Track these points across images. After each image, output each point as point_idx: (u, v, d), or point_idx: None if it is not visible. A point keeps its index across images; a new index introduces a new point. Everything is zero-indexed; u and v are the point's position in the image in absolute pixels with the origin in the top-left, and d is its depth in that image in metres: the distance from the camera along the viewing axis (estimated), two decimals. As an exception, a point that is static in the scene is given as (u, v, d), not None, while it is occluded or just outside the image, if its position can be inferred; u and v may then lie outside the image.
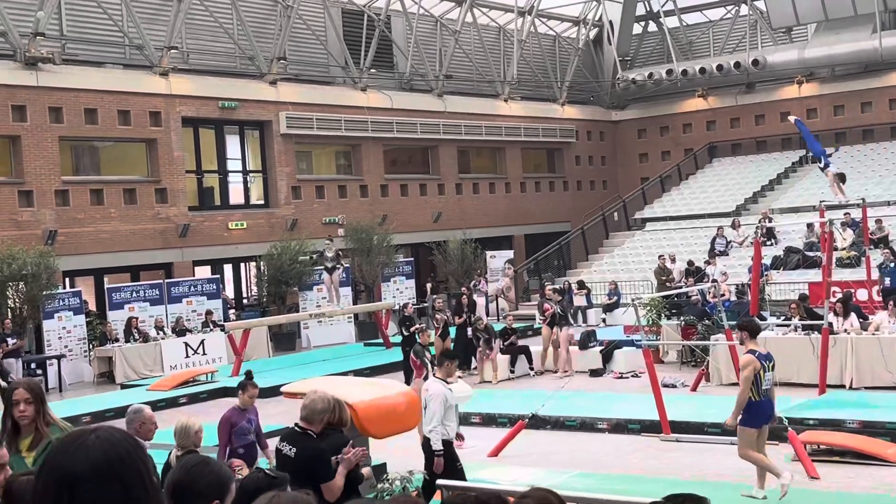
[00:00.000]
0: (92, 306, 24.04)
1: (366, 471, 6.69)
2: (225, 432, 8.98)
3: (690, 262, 27.57)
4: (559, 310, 18.93)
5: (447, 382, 9.58)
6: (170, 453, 7.29)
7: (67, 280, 24.39)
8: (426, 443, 9.35)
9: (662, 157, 39.10)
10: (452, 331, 19.63)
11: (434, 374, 10.01)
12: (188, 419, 7.42)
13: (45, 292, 21.34)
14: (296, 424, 6.44)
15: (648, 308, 19.74)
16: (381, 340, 24.52)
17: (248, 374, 9.75)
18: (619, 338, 20.00)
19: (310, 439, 6.24)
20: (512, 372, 19.08)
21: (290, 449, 6.25)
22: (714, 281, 21.75)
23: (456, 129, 33.42)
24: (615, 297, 27.14)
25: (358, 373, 19.65)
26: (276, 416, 16.68)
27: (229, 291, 27.82)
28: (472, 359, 19.22)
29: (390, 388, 11.52)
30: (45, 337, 21.64)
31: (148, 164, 25.89)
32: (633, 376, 18.35)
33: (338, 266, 23.16)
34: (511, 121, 35.56)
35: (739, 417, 9.52)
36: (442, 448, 9.26)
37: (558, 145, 38.02)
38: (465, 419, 14.08)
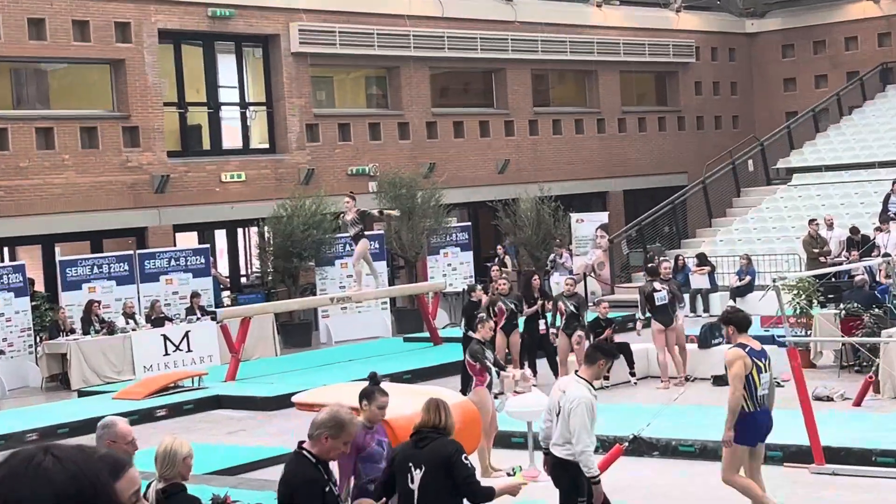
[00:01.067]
0: (39, 286, 24.42)
1: None
2: (350, 460, 8.65)
3: (854, 230, 27.21)
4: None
5: (593, 387, 9.71)
6: (148, 485, 7.39)
7: (6, 251, 24.79)
8: (559, 469, 9.49)
9: (816, 84, 38.59)
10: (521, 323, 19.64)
11: (577, 373, 10.09)
12: (174, 440, 7.50)
13: (-23, 267, 21.70)
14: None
15: (795, 292, 19.53)
16: (426, 334, 24.61)
17: (374, 378, 9.40)
18: (753, 332, 19.81)
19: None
20: (606, 378, 19.01)
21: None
22: (887, 255, 21.46)
23: (530, 46, 33.27)
24: (748, 277, 26.95)
25: (396, 378, 19.73)
26: (283, 434, 16.89)
27: (222, 267, 28.08)
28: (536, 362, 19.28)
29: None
30: (-23, 326, 22.05)
31: (113, 94, 26.15)
32: (773, 385, 18.21)
33: (362, 234, 22.65)
34: (606, 34, 35.28)
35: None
36: (598, 473, 9.40)
37: (671, 67, 37.67)
38: (538, 441, 14.11)
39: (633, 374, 19.35)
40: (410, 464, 7.88)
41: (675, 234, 33.33)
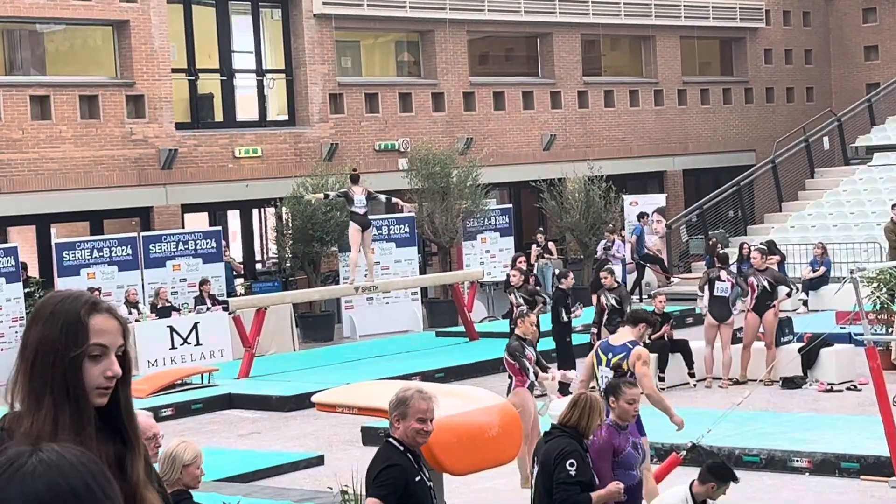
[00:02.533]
0: (33, 271, 24.58)
1: None
2: (608, 464, 8.60)
3: (942, 216, 27.01)
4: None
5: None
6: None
7: (-2, 231, 24.95)
8: None
9: (901, 52, 38.31)
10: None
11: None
12: (178, 444, 7.53)
13: (-35, 249, 21.85)
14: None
15: (875, 285, 19.42)
16: (461, 328, 24.62)
17: (617, 369, 9.64)
18: (828, 330, 19.75)
19: None
20: (661, 379, 19.01)
21: None
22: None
23: (580, 8, 33.17)
24: (823, 268, 26.82)
25: (427, 377, 19.76)
26: (301, 438, 16.93)
27: (235, 251, 28.18)
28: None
29: (476, 401, 11.55)
30: (-35, 315, 22.21)
31: (116, 59, 26.25)
32: (849, 389, 18.17)
33: (369, 221, 23.18)
34: (665, -5, 35.14)
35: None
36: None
37: (738, 33, 37.48)
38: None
39: (692, 375, 19.34)
40: (536, 458, 8.34)
41: (741, 219, 33.20)
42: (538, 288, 21.28)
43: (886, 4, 38.71)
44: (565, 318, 18.75)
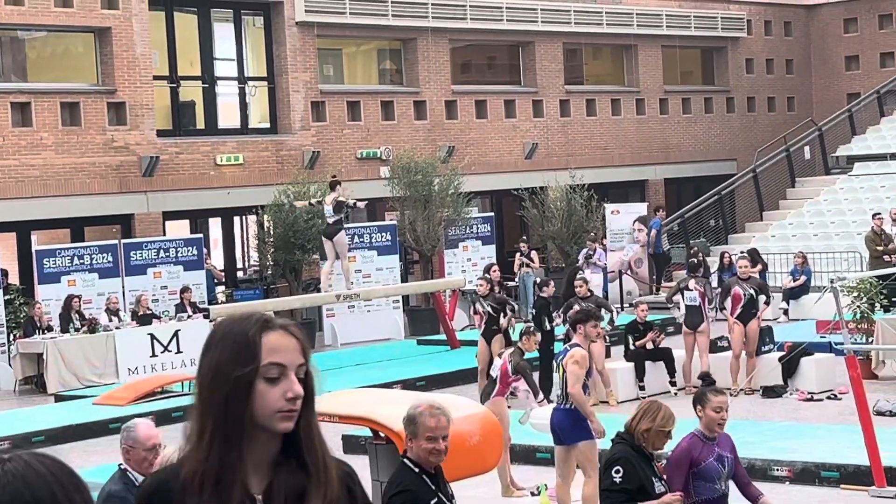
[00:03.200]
0: (13, 278, 24.49)
1: None
2: (681, 474, 8.21)
3: (922, 225, 27.06)
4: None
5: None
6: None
7: (-22, 238, 24.86)
8: None
9: (882, 63, 38.44)
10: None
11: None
12: (175, 450, 7.44)
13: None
14: None
15: (856, 294, 19.45)
16: (443, 336, 24.60)
17: (706, 377, 8.95)
18: (808, 339, 19.81)
19: None
20: (641, 388, 19.01)
21: None
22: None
23: (562, 17, 33.21)
24: (803, 277, 26.87)
25: (408, 385, 19.74)
26: (284, 446, 16.84)
27: (216, 259, 28.12)
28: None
29: (457, 409, 11.54)
30: (-55, 322, 22.13)
31: (97, 65, 26.19)
32: (829, 398, 18.17)
33: (341, 226, 23.21)
34: (647, 3, 35.21)
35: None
36: None
37: (720, 42, 37.56)
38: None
39: (673, 384, 19.32)
40: None
41: (723, 228, 33.26)
42: (508, 297, 21.25)
43: (867, 15, 38.84)
44: (548, 327, 18.76)
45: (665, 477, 8.17)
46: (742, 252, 24.63)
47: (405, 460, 6.89)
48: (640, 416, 8.05)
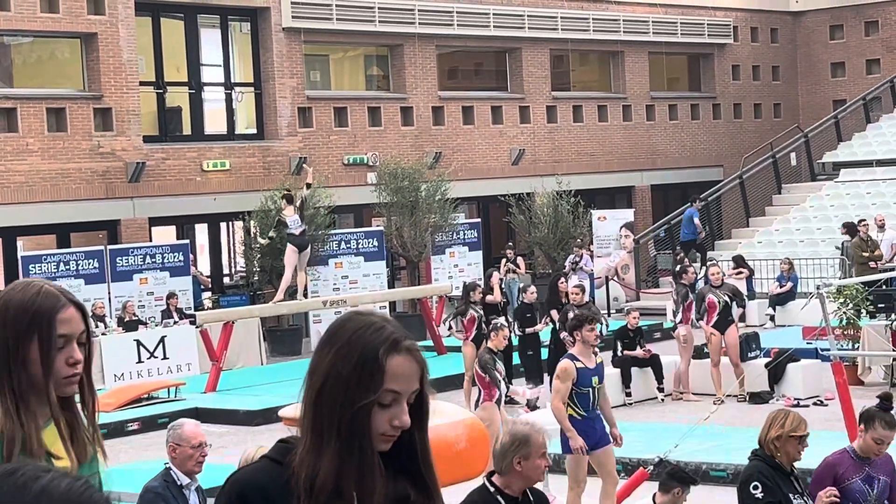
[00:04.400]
0: (-1, 284, 24.46)
1: None
2: (820, 489, 7.86)
3: (908, 232, 27.14)
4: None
5: None
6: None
7: (-36, 244, 24.80)
8: None
9: (868, 69, 38.55)
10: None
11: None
12: (258, 449, 7.22)
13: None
14: None
15: (841, 300, 19.50)
16: (430, 342, 24.61)
17: (886, 399, 8.32)
18: (794, 345, 19.85)
19: None
20: (628, 395, 19.04)
21: None
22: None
23: (549, 23, 33.25)
24: (789, 284, 26.92)
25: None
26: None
27: (203, 265, 28.08)
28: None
29: (443, 415, 11.54)
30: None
31: (84, 71, 26.15)
32: (815, 404, 18.23)
33: (303, 228, 23.58)
34: (634, 10, 35.26)
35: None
36: None
37: (706, 49, 37.64)
38: (556, 463, 14.08)
39: (660, 390, 19.36)
40: None
41: (709, 234, 33.29)
42: (504, 301, 21.32)
43: (853, 22, 38.95)
44: (525, 332, 18.86)
45: (808, 491, 7.83)
46: (714, 260, 24.67)
47: (488, 485, 6.86)
48: (768, 425, 7.69)
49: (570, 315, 18.85)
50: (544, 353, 19.68)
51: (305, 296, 25.28)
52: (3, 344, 3.32)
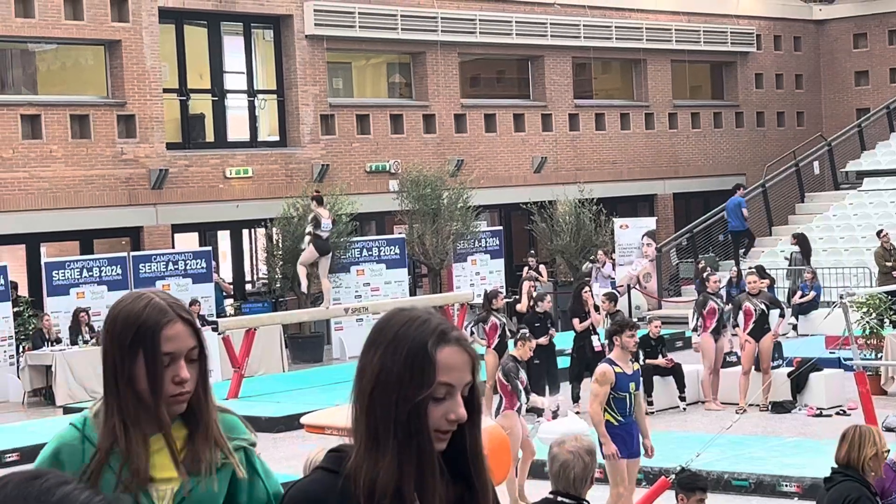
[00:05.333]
0: (22, 290, 24.53)
1: None
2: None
3: (932, 241, 27.04)
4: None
5: None
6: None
7: (-13, 250, 24.92)
8: None
9: (891, 78, 38.43)
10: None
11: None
12: (318, 451, 7.14)
13: (-46, 268, 21.81)
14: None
15: (865, 310, 19.44)
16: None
17: None
18: (817, 354, 19.77)
19: None
20: (649, 403, 19.00)
21: None
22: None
23: (571, 31, 33.25)
24: (812, 293, 26.83)
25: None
26: (291, 459, 16.88)
27: (225, 272, 28.14)
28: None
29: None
30: (-47, 334, 22.16)
31: (108, 78, 26.25)
32: (838, 413, 18.18)
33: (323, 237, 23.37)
34: (657, 18, 35.23)
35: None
36: None
37: (729, 57, 37.58)
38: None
39: (682, 399, 19.31)
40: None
41: (731, 242, 33.19)
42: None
43: (877, 30, 38.84)
44: (542, 341, 18.83)
45: None
46: (750, 267, 24.60)
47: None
48: (858, 444, 7.34)
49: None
50: (563, 362, 19.65)
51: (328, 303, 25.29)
52: (110, 358, 3.26)
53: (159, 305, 3.23)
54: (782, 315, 19.53)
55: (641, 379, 19.19)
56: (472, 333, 19.65)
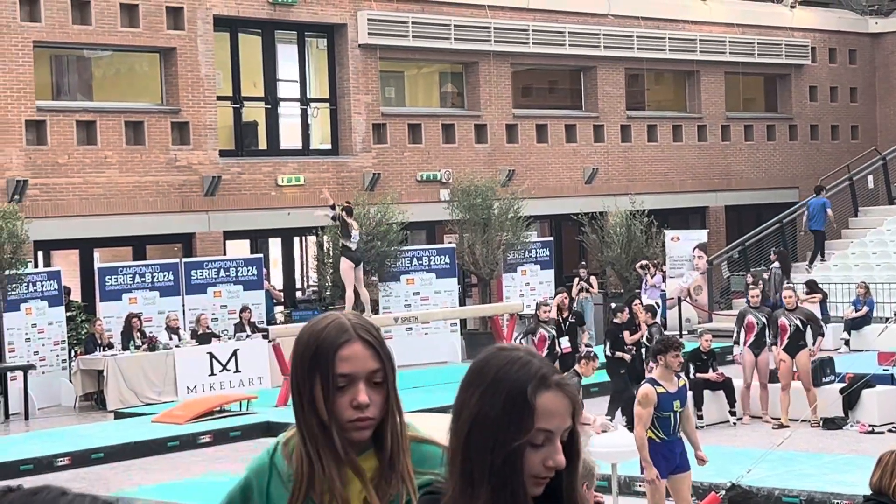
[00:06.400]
0: (75, 295, 24.71)
1: None
2: None
3: None
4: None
5: None
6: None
7: (40, 254, 25.12)
8: None
9: (948, 92, 38.11)
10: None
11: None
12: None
13: (7, 272, 22.02)
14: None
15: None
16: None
17: None
18: (870, 370, 19.61)
19: None
20: (699, 417, 18.88)
21: None
22: None
23: (625, 42, 33.16)
24: (866, 308, 26.62)
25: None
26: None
27: (276, 279, 28.24)
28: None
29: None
30: (5, 338, 22.29)
31: (162, 85, 26.43)
32: (890, 430, 18.02)
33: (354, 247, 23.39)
34: (711, 30, 35.08)
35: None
36: None
37: (784, 70, 37.36)
38: (626, 485, 13.96)
39: (732, 413, 19.18)
40: None
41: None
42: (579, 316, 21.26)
43: (933, 43, 38.52)
44: (618, 354, 18.71)
45: None
46: (788, 283, 24.40)
47: None
48: (892, 470, 7.16)
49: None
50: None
51: (375, 311, 25.33)
52: (295, 381, 3.15)
53: (340, 324, 3.12)
54: (821, 334, 19.33)
55: (690, 393, 19.19)
56: None
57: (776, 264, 28.76)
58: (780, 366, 18.75)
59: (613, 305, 21.23)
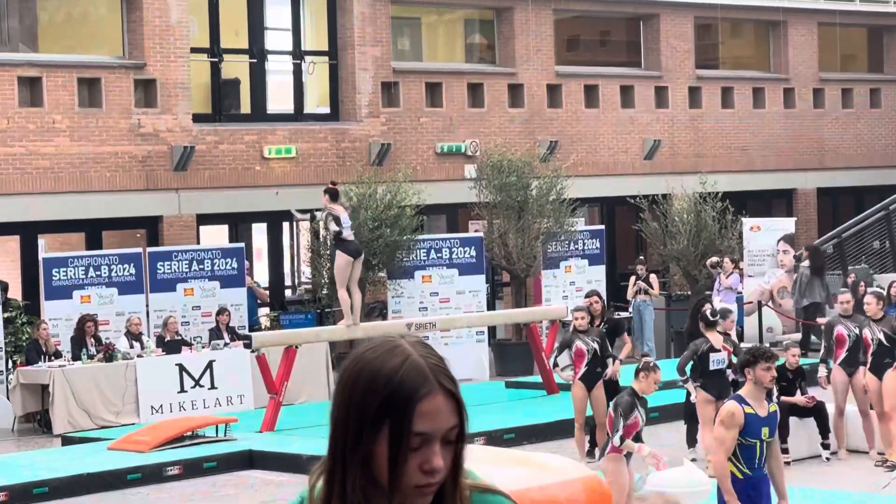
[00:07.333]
0: (14, 292, 24.78)
1: None
2: None
3: None
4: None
5: None
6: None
7: (-27, 242, 25.23)
8: None
9: None
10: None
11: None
12: None
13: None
14: None
15: None
16: (538, 378, 24.58)
17: None
18: None
19: None
20: (784, 451, 18.82)
21: None
22: None
23: (694, -15, 33.20)
24: None
25: (494, 438, 19.73)
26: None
27: (260, 274, 28.27)
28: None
29: (555, 472, 11.53)
30: (-70, 343, 22.45)
31: (123, 35, 26.49)
32: None
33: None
34: (801, -30, 35.08)
35: None
36: None
37: (891, 20, 37.30)
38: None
39: (826, 447, 19.10)
40: None
41: (890, 251, 32.95)
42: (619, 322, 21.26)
43: None
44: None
45: None
46: (874, 287, 24.30)
47: None
48: None
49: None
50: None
51: (383, 316, 25.34)
52: (342, 426, 3.15)
53: (417, 366, 3.12)
54: None
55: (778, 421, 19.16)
56: (555, 365, 19.63)
57: (806, 262, 28.67)
58: (871, 388, 18.65)
59: (721, 308, 20.91)
